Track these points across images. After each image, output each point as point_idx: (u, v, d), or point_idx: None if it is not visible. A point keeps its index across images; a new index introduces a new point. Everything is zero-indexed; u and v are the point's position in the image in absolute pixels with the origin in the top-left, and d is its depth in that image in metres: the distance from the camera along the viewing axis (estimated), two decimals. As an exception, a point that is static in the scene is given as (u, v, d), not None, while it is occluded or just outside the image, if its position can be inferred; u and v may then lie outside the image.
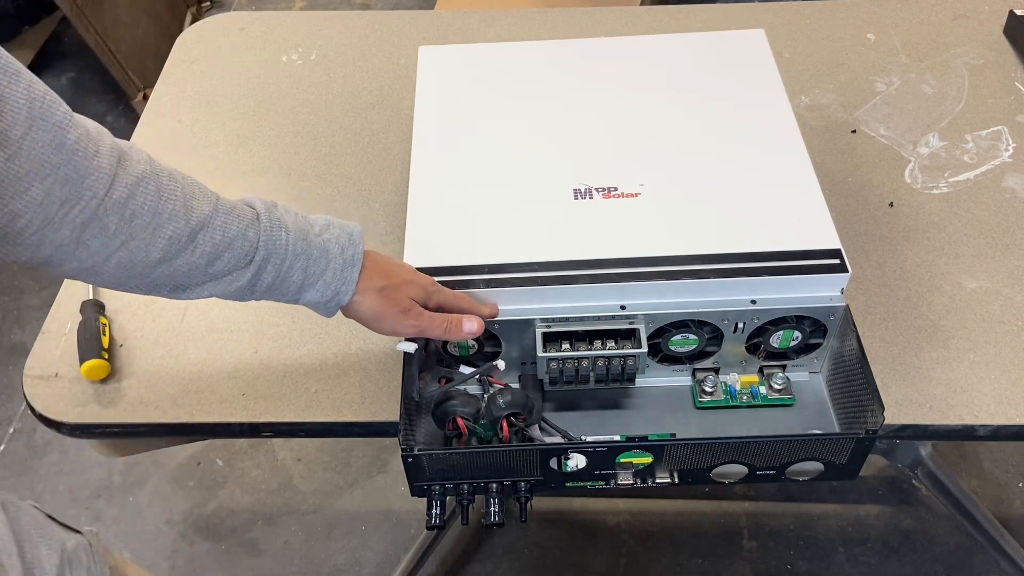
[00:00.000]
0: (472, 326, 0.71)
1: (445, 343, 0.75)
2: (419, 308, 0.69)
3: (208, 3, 2.56)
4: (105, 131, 0.57)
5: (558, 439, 0.74)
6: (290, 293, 0.66)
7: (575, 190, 0.80)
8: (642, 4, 1.74)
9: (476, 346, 0.76)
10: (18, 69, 0.50)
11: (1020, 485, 1.54)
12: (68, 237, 0.54)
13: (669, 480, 0.74)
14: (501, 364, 0.76)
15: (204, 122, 1.07)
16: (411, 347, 0.73)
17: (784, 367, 0.79)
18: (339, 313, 0.70)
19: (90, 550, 0.61)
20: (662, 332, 0.75)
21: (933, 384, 0.78)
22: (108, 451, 0.88)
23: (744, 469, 0.73)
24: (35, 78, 0.51)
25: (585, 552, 1.48)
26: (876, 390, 0.69)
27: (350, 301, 0.68)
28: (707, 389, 0.78)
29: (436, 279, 0.73)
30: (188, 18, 2.45)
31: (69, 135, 0.52)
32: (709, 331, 0.75)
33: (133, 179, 0.56)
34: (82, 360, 0.80)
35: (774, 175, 0.81)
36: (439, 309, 0.72)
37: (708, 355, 0.78)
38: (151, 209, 0.57)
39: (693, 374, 0.80)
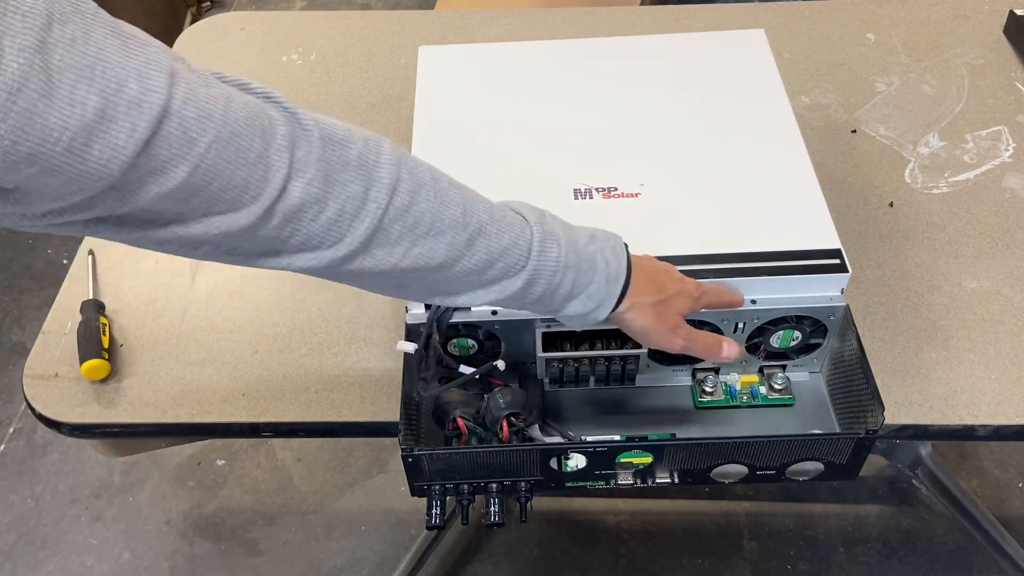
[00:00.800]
0: (731, 352, 0.71)
1: (445, 343, 0.75)
2: (687, 326, 0.69)
3: (208, 3, 2.56)
4: (383, 138, 0.57)
5: (558, 439, 0.74)
6: (556, 303, 0.64)
7: (575, 190, 0.80)
8: (642, 4, 1.74)
9: (476, 346, 0.76)
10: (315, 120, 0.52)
11: (1020, 485, 1.54)
12: (356, 249, 0.55)
13: (669, 480, 0.74)
14: (501, 364, 0.76)
15: (204, 122, 1.07)
16: (411, 347, 0.73)
17: (784, 367, 0.79)
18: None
19: None
20: (662, 332, 0.75)
21: (933, 384, 0.78)
22: (108, 451, 0.88)
23: (744, 469, 0.73)
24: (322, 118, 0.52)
25: (585, 552, 1.48)
26: (876, 390, 0.69)
27: (622, 314, 0.66)
28: (707, 389, 0.78)
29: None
30: (188, 18, 2.45)
31: (351, 152, 0.53)
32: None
33: (414, 186, 0.56)
34: (82, 360, 0.80)
35: (774, 175, 0.81)
36: (708, 308, 0.72)
37: (708, 355, 0.78)
38: (432, 215, 0.57)
39: (693, 374, 0.80)
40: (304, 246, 0.54)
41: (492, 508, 0.73)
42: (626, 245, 0.66)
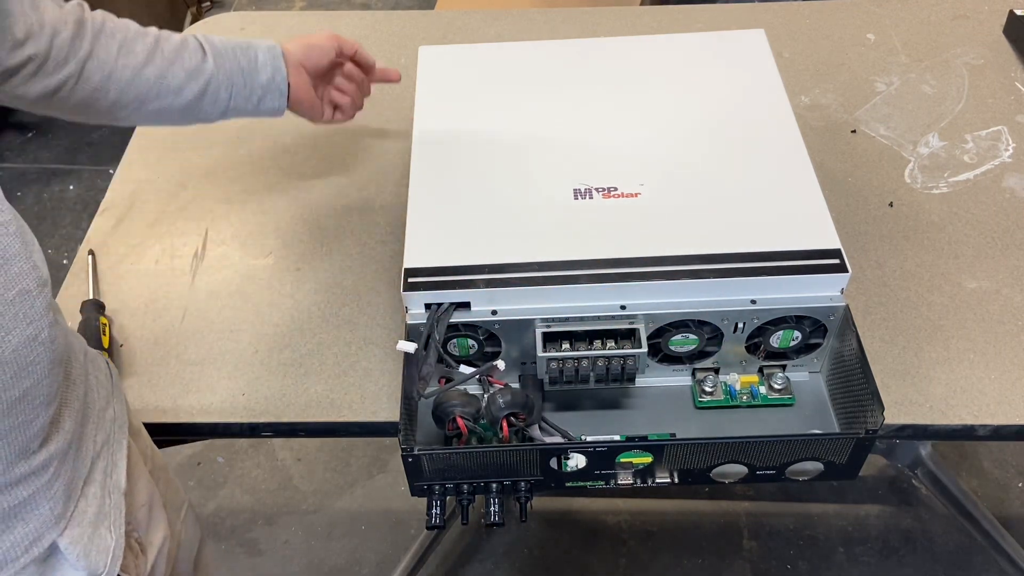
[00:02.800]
0: (366, 89, 0.94)
1: (445, 343, 0.75)
2: (326, 93, 0.90)
3: (208, 3, 2.56)
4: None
5: (558, 439, 0.74)
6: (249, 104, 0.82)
7: (575, 190, 0.80)
8: (642, 4, 1.74)
9: (476, 346, 0.76)
10: None
11: (1020, 485, 1.54)
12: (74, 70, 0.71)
13: (669, 480, 0.74)
14: (501, 364, 0.76)
15: (204, 122, 1.07)
16: (411, 347, 0.73)
17: (784, 367, 0.79)
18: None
19: (107, 365, 0.68)
20: (662, 332, 0.75)
21: (933, 384, 0.78)
22: (108, 451, 0.88)
23: (744, 469, 0.73)
24: None
25: (585, 552, 1.48)
26: (876, 390, 0.69)
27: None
28: (707, 389, 0.78)
29: (434, 279, 0.73)
30: (188, 18, 2.45)
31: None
32: (709, 331, 0.75)
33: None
34: (82, 360, 0.80)
35: (774, 175, 0.81)
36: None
37: (708, 355, 0.78)
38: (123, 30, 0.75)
39: (693, 374, 0.79)
40: None
41: (492, 508, 0.73)
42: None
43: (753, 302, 0.73)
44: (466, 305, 0.74)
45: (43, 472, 0.54)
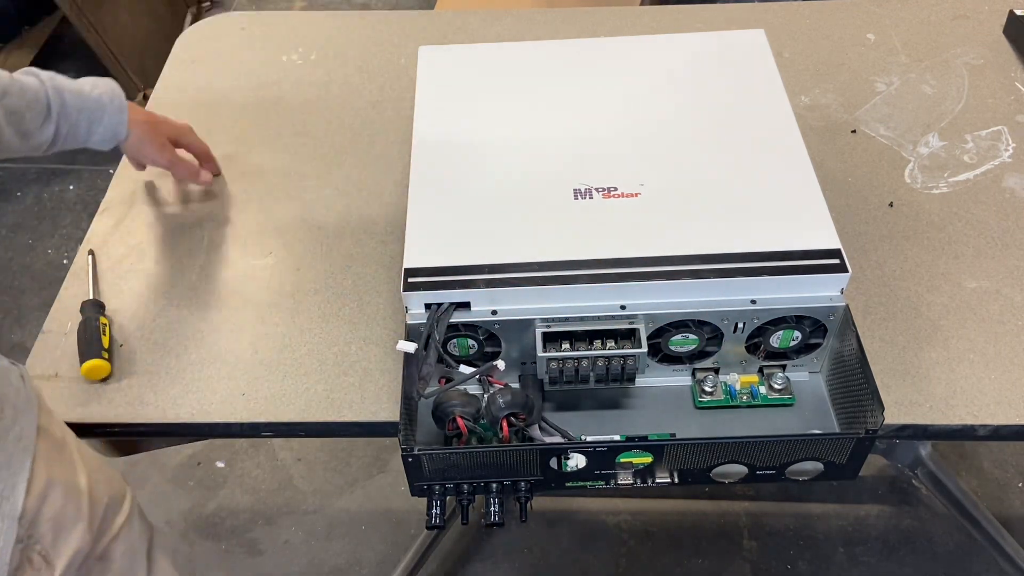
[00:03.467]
0: (207, 178, 0.98)
1: (445, 343, 0.75)
2: (173, 151, 0.95)
3: (208, 3, 2.56)
4: None
5: (558, 439, 0.74)
6: (80, 139, 0.87)
7: (575, 190, 0.80)
8: (642, 4, 1.74)
9: (476, 346, 0.76)
10: None
11: (1020, 485, 1.54)
12: None
13: (669, 480, 0.74)
14: (501, 364, 0.76)
15: (204, 122, 1.07)
16: (411, 347, 0.73)
17: (784, 367, 0.79)
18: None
19: (21, 378, 0.68)
20: (662, 332, 0.75)
21: (933, 384, 0.78)
22: (108, 451, 0.87)
23: (744, 469, 0.73)
24: None
25: (585, 552, 1.48)
26: (876, 390, 0.69)
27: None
28: (707, 389, 0.78)
29: (434, 279, 0.73)
30: (188, 18, 2.45)
31: None
32: (709, 331, 0.75)
33: None
34: (82, 360, 0.80)
35: (774, 175, 0.81)
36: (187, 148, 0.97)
37: (708, 355, 0.78)
38: None
39: (693, 374, 0.79)
40: None
41: (492, 508, 0.73)
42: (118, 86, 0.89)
43: (753, 302, 0.73)
44: (466, 305, 0.74)
45: None
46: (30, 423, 0.66)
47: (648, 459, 0.72)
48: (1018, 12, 1.13)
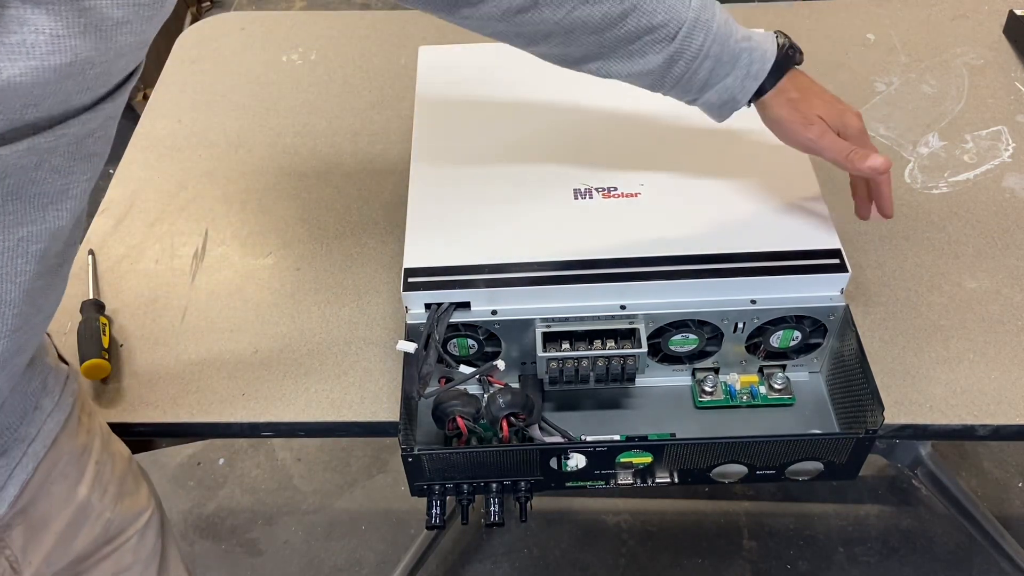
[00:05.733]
0: (878, 162, 0.71)
1: (445, 343, 0.75)
2: (825, 126, 0.72)
3: (208, 3, 2.56)
4: None
5: (558, 439, 0.74)
6: (693, 91, 0.71)
7: (575, 190, 0.80)
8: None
9: (476, 346, 0.76)
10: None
11: (1020, 485, 1.54)
12: (527, 3, 0.67)
13: (669, 480, 0.74)
14: (501, 364, 0.76)
15: (204, 122, 1.07)
16: (411, 347, 0.73)
17: (784, 367, 0.79)
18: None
19: (65, 382, 0.66)
20: (662, 332, 0.75)
21: (933, 384, 0.78)
22: (108, 451, 0.88)
23: (744, 469, 0.73)
24: None
25: (585, 552, 1.48)
26: (876, 390, 0.69)
27: (762, 102, 0.73)
28: (707, 389, 0.78)
29: (434, 279, 0.73)
30: (188, 18, 2.45)
31: None
32: (709, 331, 0.75)
33: None
34: (82, 360, 0.80)
35: (774, 175, 0.81)
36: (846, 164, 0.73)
37: (708, 355, 0.78)
38: None
39: (693, 374, 0.80)
40: None
41: (492, 508, 0.73)
42: (790, 49, 0.72)
43: (753, 302, 0.74)
44: (466, 305, 0.74)
45: None
46: (47, 431, 0.64)
47: (648, 459, 0.72)
48: (1018, 12, 1.13)
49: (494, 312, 0.74)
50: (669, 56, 0.69)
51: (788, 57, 0.73)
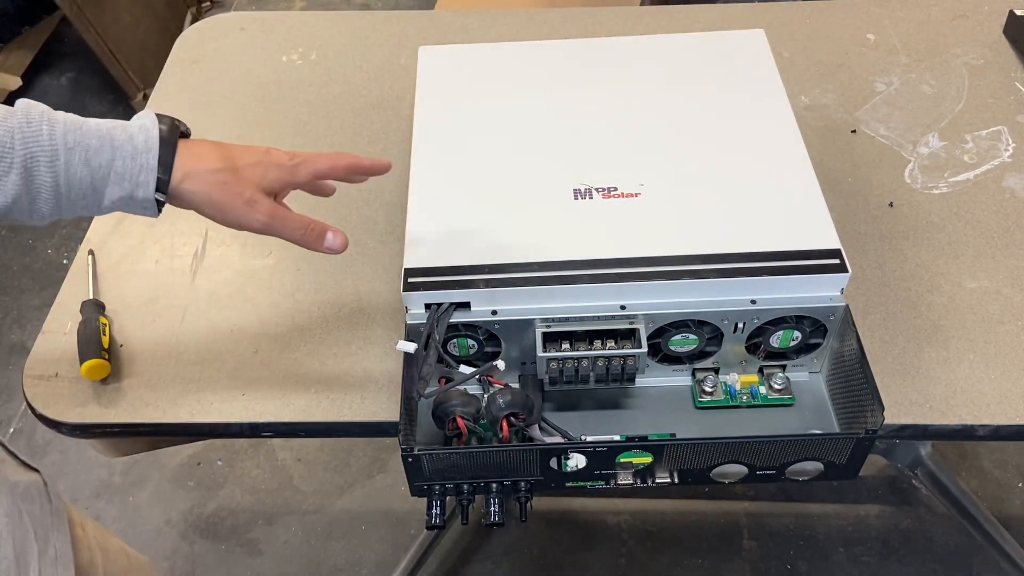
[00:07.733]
0: (336, 242, 0.63)
1: (445, 343, 0.75)
2: (267, 201, 0.61)
3: (208, 3, 2.56)
4: None
5: (558, 439, 0.74)
6: (90, 196, 0.58)
7: (575, 190, 0.80)
8: (642, 4, 1.74)
9: (476, 346, 0.76)
10: None
11: (1020, 485, 1.54)
12: None
13: (669, 480, 0.74)
14: (501, 364, 0.76)
15: (204, 122, 1.07)
16: (411, 347, 0.73)
17: (784, 367, 0.79)
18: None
19: (44, 489, 0.60)
20: (662, 332, 0.75)
21: (933, 384, 0.78)
22: (108, 451, 0.88)
23: (744, 469, 0.73)
24: None
25: (585, 552, 1.48)
26: (876, 390, 0.69)
27: (178, 187, 0.59)
28: (707, 389, 0.78)
29: (434, 279, 0.73)
30: (188, 18, 2.45)
31: None
32: (709, 331, 0.75)
33: None
34: (82, 360, 0.80)
35: (774, 175, 0.81)
36: (318, 178, 0.66)
37: (708, 355, 0.78)
38: None
39: (693, 374, 0.79)
40: None
41: (492, 508, 0.73)
42: (170, 121, 0.61)
43: (753, 302, 0.73)
44: (466, 305, 0.74)
45: None
46: (64, 541, 0.59)
47: (648, 459, 0.72)
48: (1018, 12, 1.13)
49: (494, 312, 0.74)
50: (24, 166, 0.55)
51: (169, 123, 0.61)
